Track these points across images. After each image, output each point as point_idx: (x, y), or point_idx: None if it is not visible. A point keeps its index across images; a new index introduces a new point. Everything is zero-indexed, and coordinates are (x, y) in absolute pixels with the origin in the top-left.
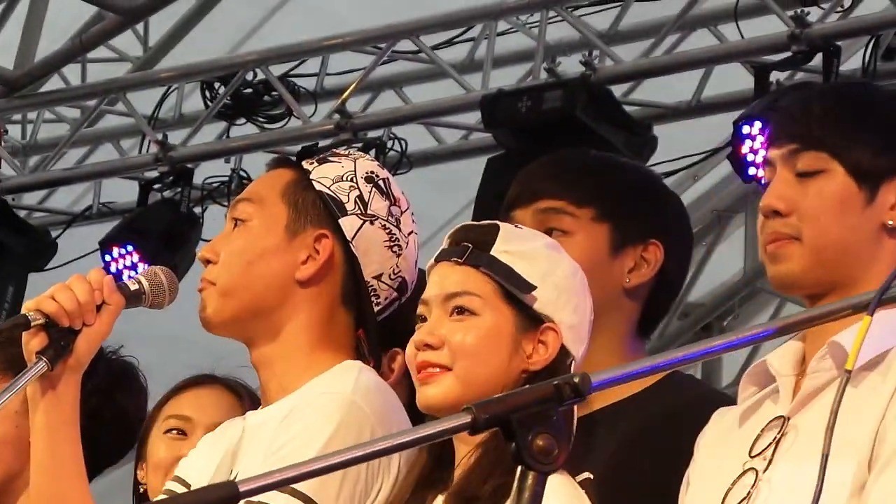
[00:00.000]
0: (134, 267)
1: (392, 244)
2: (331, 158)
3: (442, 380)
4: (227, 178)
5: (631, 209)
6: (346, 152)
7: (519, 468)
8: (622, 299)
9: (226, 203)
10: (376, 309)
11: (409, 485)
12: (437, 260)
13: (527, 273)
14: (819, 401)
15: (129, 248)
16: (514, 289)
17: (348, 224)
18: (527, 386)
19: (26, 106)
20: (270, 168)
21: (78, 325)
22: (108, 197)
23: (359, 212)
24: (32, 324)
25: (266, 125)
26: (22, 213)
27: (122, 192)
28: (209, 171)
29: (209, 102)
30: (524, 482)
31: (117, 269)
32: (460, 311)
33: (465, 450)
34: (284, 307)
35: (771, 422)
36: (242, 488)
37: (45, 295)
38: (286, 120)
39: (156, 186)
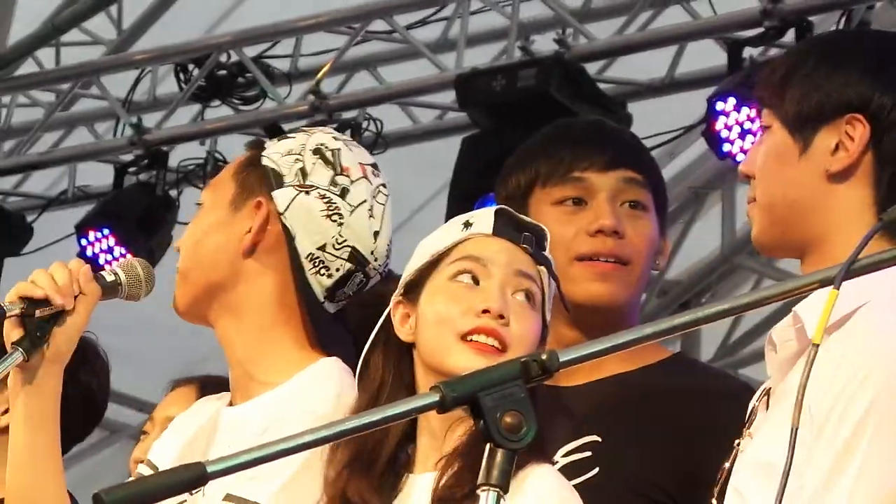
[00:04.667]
0: (110, 251)
1: (331, 213)
2: (290, 134)
3: (500, 359)
4: (202, 161)
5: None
6: (309, 129)
7: (488, 446)
8: None
9: (201, 185)
10: (330, 282)
11: (387, 456)
12: (497, 234)
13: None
14: (793, 370)
15: (105, 231)
16: (556, 303)
17: (281, 196)
18: (494, 364)
19: (0, 90)
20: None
21: (58, 306)
22: (84, 181)
23: (296, 183)
24: (8, 313)
25: (241, 107)
26: None
27: (98, 175)
28: (184, 154)
29: (183, 85)
30: (493, 460)
31: (93, 252)
32: (526, 296)
33: (438, 424)
34: (236, 282)
35: (761, 396)
36: (210, 469)
37: (24, 282)
38: (261, 101)
39: (131, 170)
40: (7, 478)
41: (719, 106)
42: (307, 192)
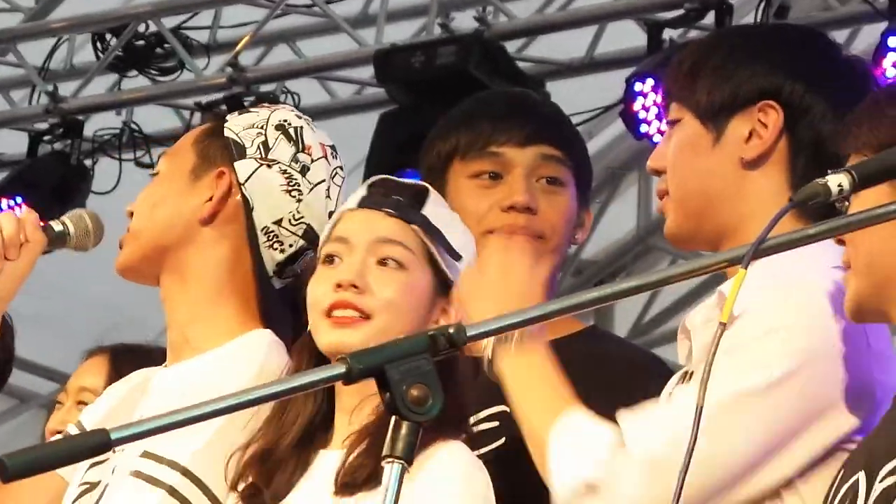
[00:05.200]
0: None
1: (290, 188)
2: (252, 109)
3: (361, 328)
4: (118, 131)
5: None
6: (271, 105)
7: (393, 418)
8: None
9: (116, 156)
10: (282, 257)
11: (293, 437)
12: (362, 206)
13: (451, 240)
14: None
15: (19, 199)
16: (444, 253)
17: (243, 167)
18: (402, 336)
19: None
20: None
21: None
22: None
23: (258, 156)
24: None
25: (158, 78)
26: None
27: (12, 143)
28: (100, 124)
29: (101, 54)
30: (398, 432)
31: None
32: (388, 261)
33: (351, 400)
34: (189, 247)
35: (680, 379)
36: (114, 436)
37: None
38: (178, 73)
39: (46, 138)
40: None
41: (638, 87)
42: (269, 166)
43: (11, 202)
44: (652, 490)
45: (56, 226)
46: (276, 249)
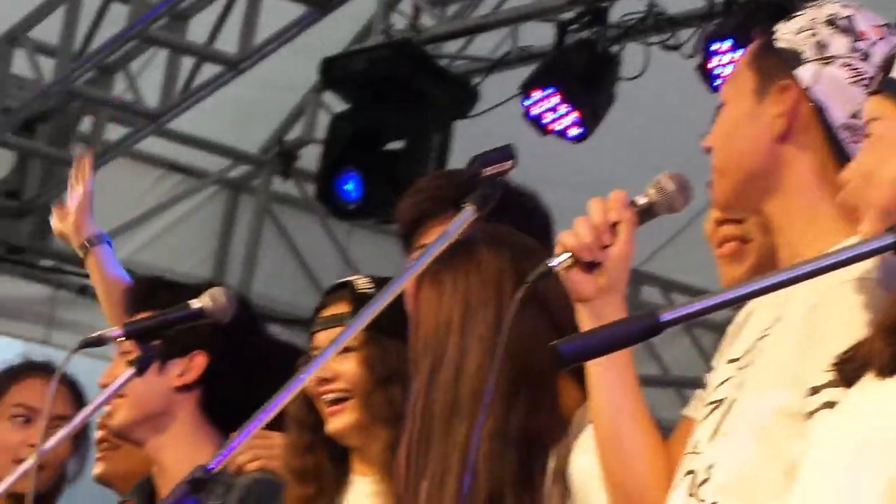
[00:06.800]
0: (554, 109)
1: (857, 78)
2: (799, 13)
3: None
4: (642, 15)
5: None
6: (816, 3)
7: None
8: None
9: (642, 40)
10: None
11: None
12: None
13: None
14: None
15: (550, 90)
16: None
17: (804, 72)
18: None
19: None
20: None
21: (598, 256)
22: (526, 41)
23: (817, 57)
24: (558, 265)
25: None
26: (443, 62)
27: (539, 35)
28: (625, 9)
29: None
30: None
31: (538, 112)
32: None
33: None
34: (775, 168)
35: None
36: (663, 318)
37: (566, 231)
38: None
39: (572, 27)
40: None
41: None
42: (829, 63)
43: (542, 93)
44: None
45: (640, 199)
46: (860, 143)
